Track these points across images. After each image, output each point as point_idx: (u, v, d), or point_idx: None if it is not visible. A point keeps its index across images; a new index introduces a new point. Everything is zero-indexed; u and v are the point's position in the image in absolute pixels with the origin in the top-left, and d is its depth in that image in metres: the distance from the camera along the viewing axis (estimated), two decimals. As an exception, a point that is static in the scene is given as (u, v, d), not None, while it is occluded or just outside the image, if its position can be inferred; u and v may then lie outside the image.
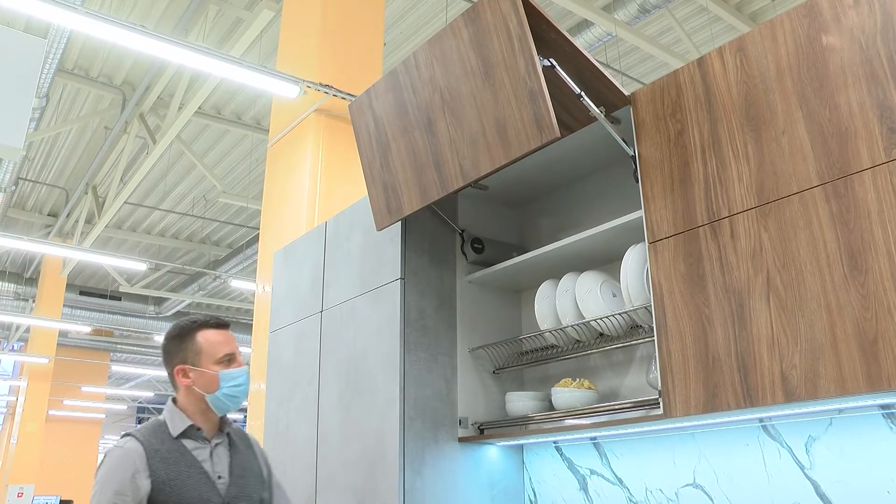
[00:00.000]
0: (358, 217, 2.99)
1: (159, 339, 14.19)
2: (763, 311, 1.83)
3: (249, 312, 14.15)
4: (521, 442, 2.78)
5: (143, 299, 13.66)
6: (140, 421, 29.75)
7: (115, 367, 19.91)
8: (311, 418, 2.98)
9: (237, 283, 10.93)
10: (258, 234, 5.14)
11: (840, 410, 1.99)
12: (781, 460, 2.12)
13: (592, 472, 2.65)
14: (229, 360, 2.00)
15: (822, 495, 2.02)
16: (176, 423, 1.96)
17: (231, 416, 2.13)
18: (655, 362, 2.08)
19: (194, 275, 12.38)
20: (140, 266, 9.62)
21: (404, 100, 2.45)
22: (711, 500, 2.27)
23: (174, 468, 1.86)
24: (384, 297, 2.71)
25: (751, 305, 1.86)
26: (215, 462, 1.95)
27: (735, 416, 2.09)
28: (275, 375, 3.38)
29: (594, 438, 2.64)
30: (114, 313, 13.62)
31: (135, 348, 17.94)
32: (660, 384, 2.02)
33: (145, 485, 1.81)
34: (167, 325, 13.82)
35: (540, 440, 2.72)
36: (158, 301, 13.81)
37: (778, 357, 1.78)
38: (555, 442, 2.78)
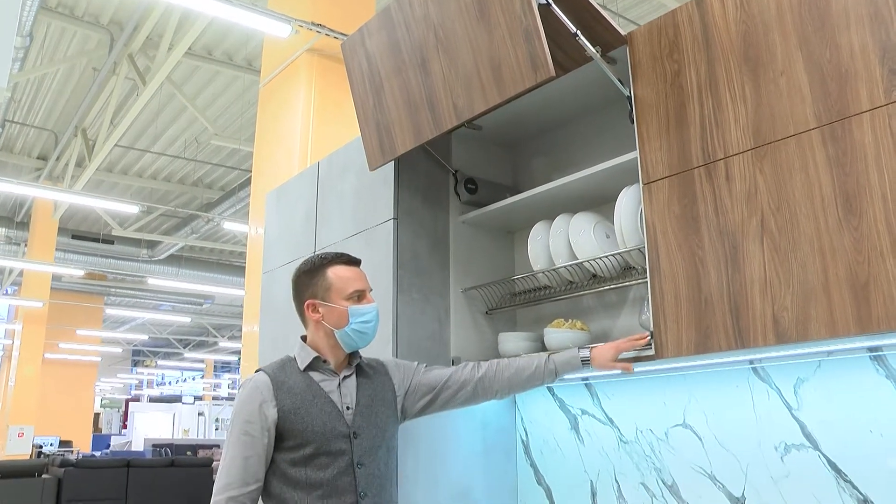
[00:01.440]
0: (351, 157, 2.96)
1: (153, 282, 14.19)
2: (756, 253, 1.83)
3: (243, 255, 14.15)
4: (514, 382, 2.80)
5: (136, 243, 13.64)
6: (136, 363, 30.04)
7: (110, 311, 20.00)
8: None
9: (230, 226, 10.91)
10: (251, 176, 5.10)
11: (829, 353, 2.01)
12: (770, 401, 2.15)
13: (584, 412, 2.69)
14: (359, 296, 2.01)
15: (807, 435, 2.06)
16: (303, 357, 1.99)
17: (228, 357, 2.16)
18: (648, 304, 2.09)
19: (187, 217, 12.34)
20: (132, 209, 9.60)
21: (397, 38, 2.40)
22: (700, 440, 2.31)
23: (300, 398, 1.90)
24: (377, 237, 2.71)
25: (744, 248, 1.86)
26: (343, 394, 1.97)
27: (726, 358, 2.11)
28: (268, 317, 3.40)
29: (586, 379, 2.67)
30: (107, 257, 13.61)
31: (129, 292, 17.98)
32: (652, 325, 2.04)
33: (272, 413, 1.86)
34: (160, 269, 13.91)
35: (532, 381, 2.75)
36: (151, 244, 13.79)
37: (770, 299, 1.79)
38: (546, 382, 2.81)
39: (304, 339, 2.05)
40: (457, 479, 2.64)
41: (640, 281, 2.28)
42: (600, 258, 2.34)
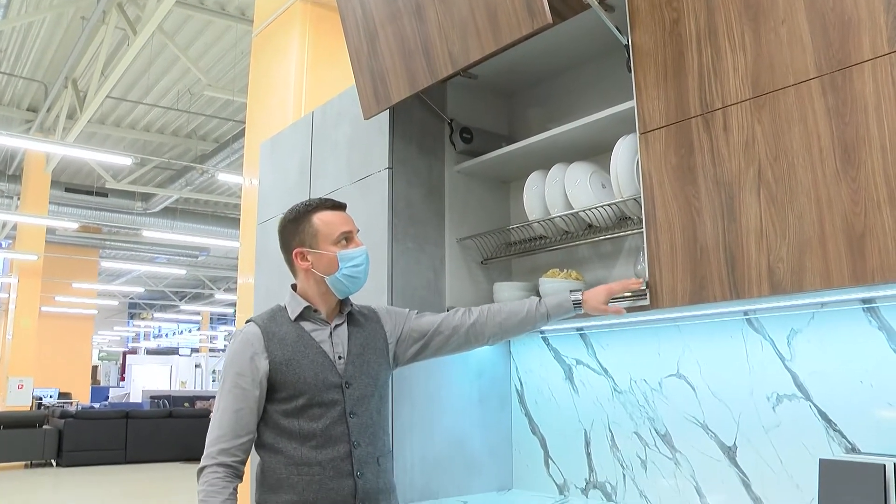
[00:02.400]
0: (345, 106, 2.92)
1: (148, 234, 14.15)
2: (753, 203, 1.83)
3: (238, 207, 14.10)
4: (509, 333, 2.81)
5: (130, 195, 13.57)
6: (132, 316, 30.15)
7: (105, 264, 20.02)
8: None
9: (224, 177, 10.85)
10: (245, 127, 5.05)
11: (823, 304, 2.01)
12: (763, 352, 2.17)
13: (578, 362, 2.71)
14: (347, 240, 1.98)
15: (799, 385, 2.07)
16: (293, 307, 1.97)
17: (224, 309, 2.15)
18: (643, 254, 2.09)
19: (181, 170, 12.26)
20: (125, 161, 9.51)
21: (392, -16, 2.35)
22: (694, 389, 2.33)
23: (290, 349, 1.89)
24: (372, 186, 2.69)
25: (741, 198, 1.85)
26: (335, 343, 1.96)
27: (720, 309, 2.12)
28: (263, 268, 3.39)
29: (580, 329, 2.68)
30: (101, 210, 13.55)
31: (124, 244, 17.96)
32: (647, 275, 2.04)
33: (263, 365, 1.86)
34: (155, 221, 13.87)
35: (526, 330, 2.76)
36: (146, 197, 13.73)
37: (766, 250, 1.79)
38: (541, 332, 2.82)
39: (294, 287, 2.03)
40: (452, 428, 2.67)
41: (635, 231, 2.27)
42: (596, 208, 2.33)
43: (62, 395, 18.28)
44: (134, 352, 34.35)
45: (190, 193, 13.21)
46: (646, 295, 2.03)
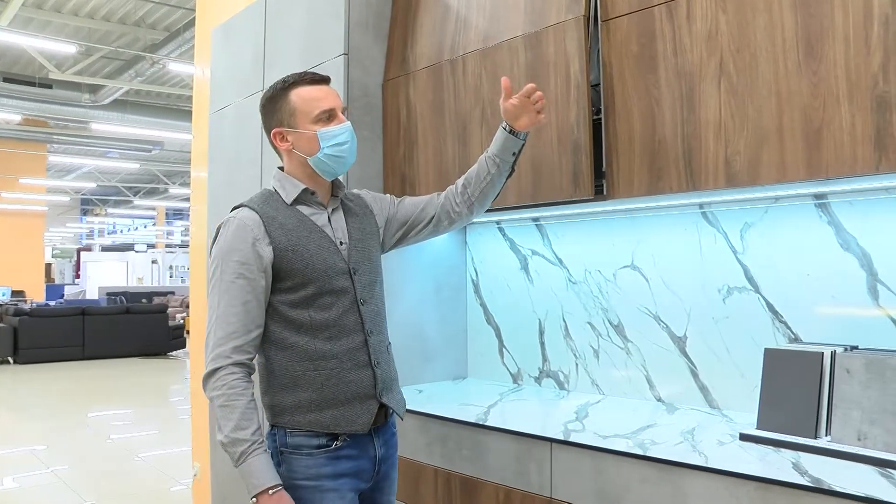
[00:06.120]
0: (300, -11, 2.80)
1: (97, 127, 13.63)
2: (713, 95, 1.81)
3: (192, 99, 13.70)
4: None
5: (77, 87, 13.00)
6: (85, 213, 29.57)
7: (54, 159, 19.41)
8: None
9: (176, 67, 10.45)
10: (196, 16, 4.83)
11: (777, 199, 2.04)
12: (717, 245, 2.20)
13: (534, 252, 2.73)
14: (329, 116, 1.79)
15: (750, 278, 2.12)
16: (288, 189, 1.80)
17: (180, 204, 2.04)
18: (602, 143, 2.07)
19: (131, 60, 11.75)
20: (69, 48, 9.08)
21: None
22: (647, 281, 2.37)
23: (295, 234, 1.73)
24: (327, 73, 2.60)
25: (701, 89, 1.84)
26: (335, 228, 1.81)
27: (676, 201, 2.13)
28: (217, 159, 3.31)
29: (536, 220, 2.69)
30: (45, 101, 12.97)
31: (73, 139, 17.37)
32: (605, 165, 2.03)
33: (267, 252, 1.68)
34: (105, 114, 13.38)
35: (483, 220, 2.77)
36: (94, 88, 13.18)
37: (724, 142, 1.79)
38: (497, 222, 2.83)
39: (281, 169, 1.86)
40: (407, 318, 2.69)
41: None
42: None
43: (15, 294, 18.06)
44: (88, 249, 33.90)
45: (141, 85, 12.71)
46: (603, 185, 2.04)
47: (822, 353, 1.74)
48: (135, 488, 4.90)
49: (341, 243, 1.80)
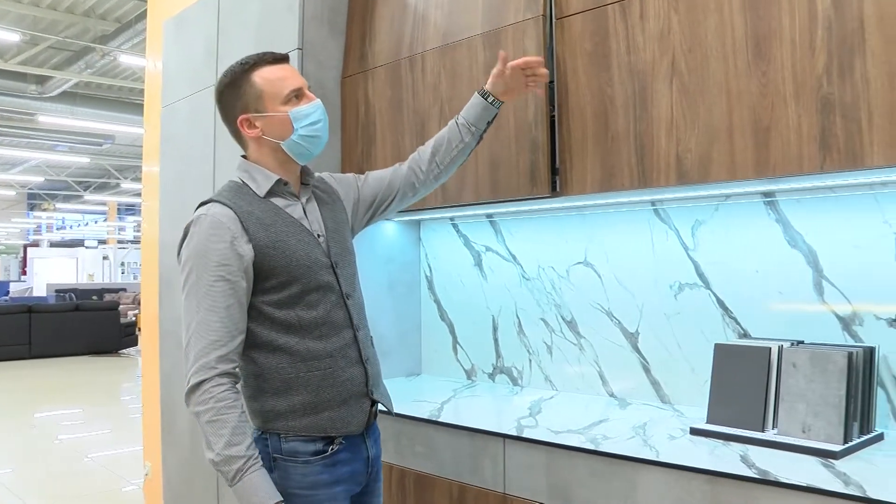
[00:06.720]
0: (254, -18, 2.76)
1: (44, 119, 13.29)
2: (665, 93, 1.84)
3: (143, 92, 13.44)
4: (418, 218, 2.82)
5: (22, 77, 12.64)
6: (32, 207, 28.83)
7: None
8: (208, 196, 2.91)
9: (127, 59, 10.23)
10: (147, 7, 4.73)
11: (727, 197, 2.07)
12: (668, 242, 2.23)
13: (487, 248, 2.74)
14: (297, 95, 1.69)
15: (701, 275, 2.15)
16: (259, 180, 1.68)
17: (132, 199, 1.98)
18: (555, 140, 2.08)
19: (80, 51, 11.47)
20: (12, 37, 8.80)
21: None
22: (600, 277, 2.39)
23: (273, 230, 1.62)
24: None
25: (653, 88, 1.86)
26: (311, 220, 1.72)
27: (628, 198, 2.16)
28: (169, 154, 3.25)
29: (490, 216, 2.70)
30: (-12, 91, 12.62)
31: (18, 131, 16.91)
32: (558, 162, 2.05)
33: (247, 251, 1.57)
34: (52, 106, 13.05)
35: (436, 216, 2.76)
36: (41, 79, 12.83)
37: (675, 140, 1.81)
38: (451, 219, 2.83)
39: (246, 158, 1.75)
40: (363, 316, 2.68)
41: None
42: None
43: (-43, 289, 17.56)
44: (36, 244, 33.08)
45: (91, 77, 12.43)
46: (556, 182, 2.05)
47: (770, 347, 1.78)
48: (84, 489, 4.80)
49: (319, 236, 1.71)
